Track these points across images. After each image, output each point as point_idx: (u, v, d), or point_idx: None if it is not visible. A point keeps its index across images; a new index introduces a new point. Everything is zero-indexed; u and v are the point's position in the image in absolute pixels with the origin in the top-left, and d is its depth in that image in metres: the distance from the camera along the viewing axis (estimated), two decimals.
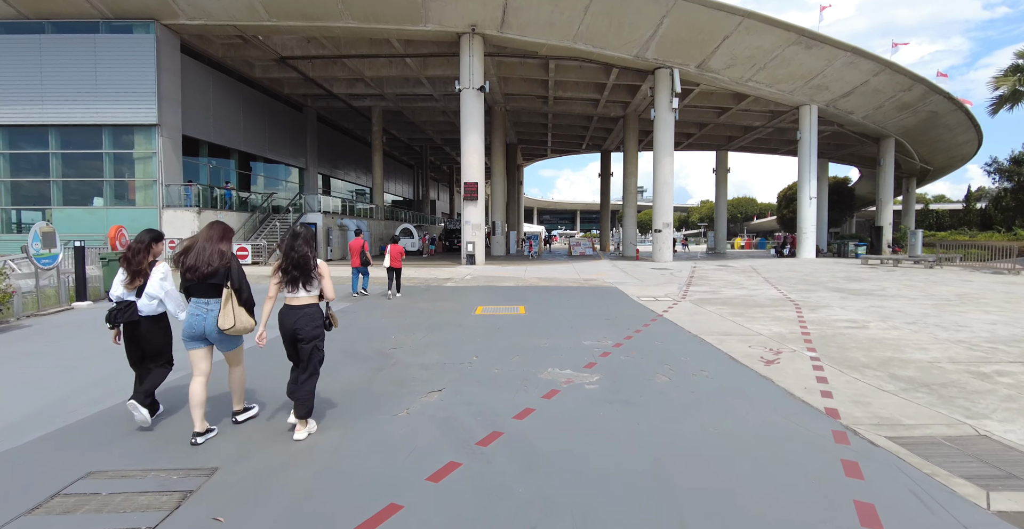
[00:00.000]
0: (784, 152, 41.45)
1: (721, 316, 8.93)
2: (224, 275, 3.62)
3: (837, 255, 31.35)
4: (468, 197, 20.70)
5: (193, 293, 3.66)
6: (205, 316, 3.62)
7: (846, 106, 27.38)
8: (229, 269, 3.63)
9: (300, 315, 3.65)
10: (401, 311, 9.52)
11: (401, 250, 11.80)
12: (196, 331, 3.63)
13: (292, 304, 3.69)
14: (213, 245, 3.65)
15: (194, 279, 3.59)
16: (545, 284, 14.48)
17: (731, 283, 14.82)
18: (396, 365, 5.61)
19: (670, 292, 12.59)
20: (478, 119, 20.62)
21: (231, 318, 3.57)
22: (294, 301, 3.68)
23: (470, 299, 11.31)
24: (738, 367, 5.56)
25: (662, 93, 22.89)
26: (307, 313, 3.67)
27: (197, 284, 3.61)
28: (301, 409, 3.65)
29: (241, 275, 3.68)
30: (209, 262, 3.57)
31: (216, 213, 20.96)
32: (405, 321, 8.44)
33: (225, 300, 3.59)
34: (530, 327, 7.89)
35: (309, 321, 3.65)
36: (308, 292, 3.68)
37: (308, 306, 3.69)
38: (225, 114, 24.75)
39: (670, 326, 7.99)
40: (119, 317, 3.73)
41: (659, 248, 23.40)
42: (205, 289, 3.63)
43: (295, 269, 3.62)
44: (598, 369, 5.43)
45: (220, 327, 3.56)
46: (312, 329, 3.66)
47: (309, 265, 3.64)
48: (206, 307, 3.64)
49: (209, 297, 3.65)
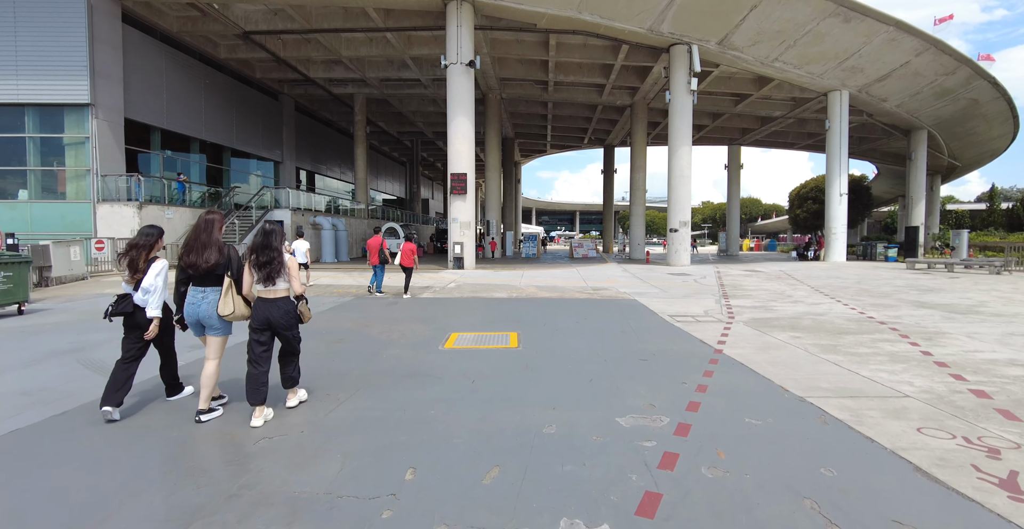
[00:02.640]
0: (802, 146, 38.62)
1: (808, 352, 6.03)
2: (224, 266, 3.85)
3: (862, 258, 28.51)
4: (456, 190, 17.79)
5: (193, 282, 3.90)
6: (199, 303, 3.85)
7: (880, 92, 24.54)
8: (229, 260, 3.87)
9: (273, 308, 3.82)
10: (338, 341, 6.60)
11: (413, 248, 11.42)
12: (192, 318, 3.88)
13: (265, 297, 3.84)
14: (210, 241, 3.85)
15: (196, 273, 3.83)
16: (546, 295, 11.57)
17: (777, 294, 11.93)
18: (237, 498, 2.69)
19: (708, 308, 9.69)
20: (467, 99, 17.73)
21: (230, 305, 3.78)
22: (267, 294, 3.83)
23: (445, 319, 8.40)
24: (964, 504, 2.65)
25: (679, 73, 20.02)
26: (280, 306, 3.84)
27: (199, 276, 3.84)
28: (289, 380, 4.03)
29: (240, 265, 3.88)
30: (207, 260, 3.80)
31: (163, 209, 18.03)
32: (331, 363, 5.52)
33: (226, 289, 3.79)
34: (525, 378, 4.98)
35: (283, 314, 3.84)
36: (279, 286, 3.83)
37: (280, 299, 3.86)
38: (183, 98, 21.82)
39: (745, 375, 5.08)
40: (115, 309, 3.84)
41: (675, 250, 20.50)
42: (205, 278, 3.86)
43: (266, 265, 3.75)
44: (667, 513, 2.52)
45: (220, 313, 3.78)
46: (287, 320, 3.86)
47: (278, 261, 3.78)
48: (202, 295, 3.86)
49: (207, 286, 3.87)
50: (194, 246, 3.82)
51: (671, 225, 20.50)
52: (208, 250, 3.78)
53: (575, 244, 30.65)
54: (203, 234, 3.84)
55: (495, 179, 28.93)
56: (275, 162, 29.99)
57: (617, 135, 37.94)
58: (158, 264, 3.87)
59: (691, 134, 20.53)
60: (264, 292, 3.83)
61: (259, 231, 3.86)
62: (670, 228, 20.59)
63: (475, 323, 8.04)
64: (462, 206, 17.87)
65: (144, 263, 3.86)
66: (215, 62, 24.02)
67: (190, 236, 3.87)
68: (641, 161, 29.04)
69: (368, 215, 31.08)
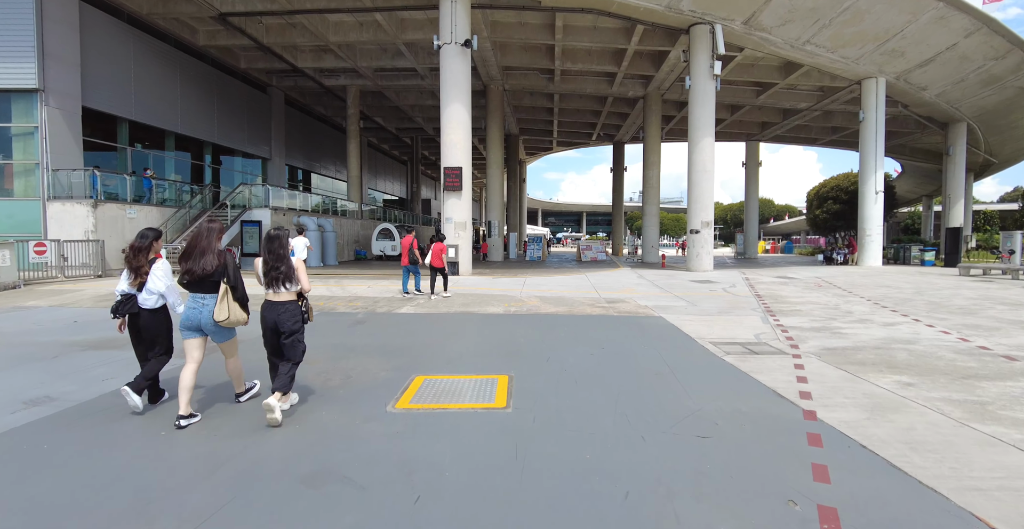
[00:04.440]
0: (826, 142, 36.33)
1: (949, 418, 3.93)
2: (221, 273, 3.86)
3: (893, 261, 26.18)
4: (449, 186, 15.77)
5: (191, 289, 3.90)
6: (200, 310, 3.86)
7: (920, 79, 22.29)
8: (226, 267, 3.87)
9: (280, 311, 3.90)
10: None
11: (443, 248, 11.11)
12: (192, 323, 3.88)
13: (272, 300, 3.94)
14: (209, 248, 3.87)
15: (192, 280, 3.85)
16: (551, 310, 9.51)
17: (832, 310, 9.79)
18: None
19: (758, 330, 7.60)
20: (463, 84, 15.71)
21: (226, 311, 3.81)
22: (274, 297, 3.94)
23: (416, 349, 6.35)
24: None
25: (700, 56, 17.91)
26: (286, 309, 3.92)
27: (195, 282, 3.87)
28: (282, 384, 3.83)
29: (236, 272, 3.93)
30: (204, 267, 3.82)
31: (124, 208, 16.14)
32: (207, 441, 3.49)
33: (221, 296, 3.83)
34: (510, 486, 2.90)
35: (289, 316, 3.90)
36: (287, 289, 3.93)
37: (287, 303, 3.94)
38: (155, 87, 19.98)
39: (884, 476, 2.99)
40: (120, 309, 4.01)
41: (696, 254, 18.34)
42: (203, 285, 3.88)
43: (273, 270, 3.88)
44: None
45: (216, 319, 3.80)
46: (292, 324, 3.91)
47: (286, 267, 3.89)
48: (202, 301, 3.88)
49: (206, 292, 3.89)
50: (192, 253, 3.86)
51: (692, 226, 18.36)
52: (206, 257, 3.84)
53: (583, 246, 28.58)
54: (203, 241, 3.88)
55: (497, 176, 26.91)
56: (263, 159, 28.12)
57: (627, 131, 35.81)
58: (160, 265, 4.00)
59: (714, 124, 18.40)
60: (270, 296, 3.96)
61: (265, 237, 3.99)
62: (690, 229, 18.45)
63: (453, 357, 5.98)
64: (457, 204, 15.85)
65: (146, 265, 3.99)
66: (195, 51, 22.19)
67: (190, 242, 3.92)
68: (655, 157, 26.91)
69: (363, 215, 29.13)
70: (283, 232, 4.00)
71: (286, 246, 3.94)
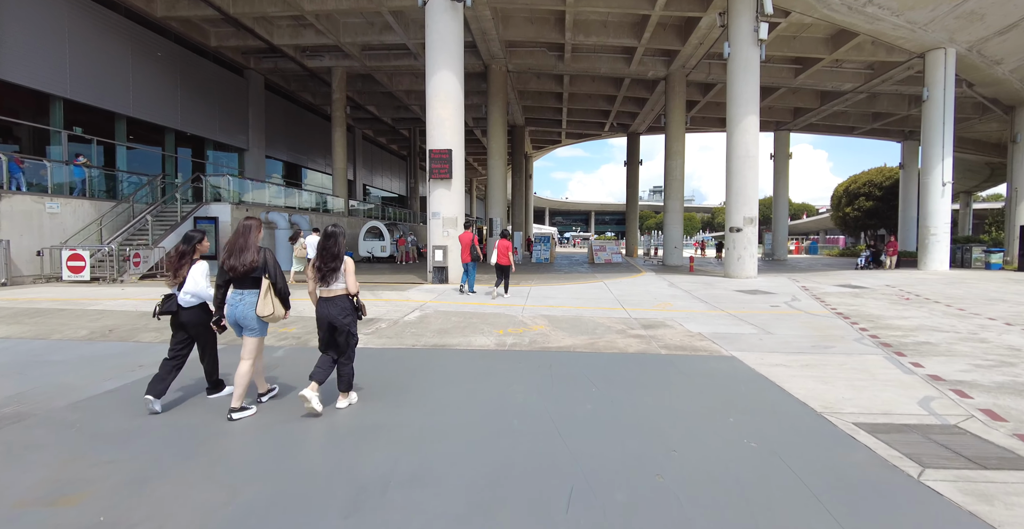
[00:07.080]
0: (864, 132, 32.90)
1: None
2: (262, 269, 3.98)
3: (950, 264, 22.87)
4: (437, 173, 12.74)
5: (233, 284, 4.04)
6: (237, 304, 3.98)
7: (996, 51, 18.98)
8: (266, 263, 3.99)
9: (332, 305, 4.05)
10: None
11: (509, 246, 10.57)
12: (231, 319, 4.04)
13: (325, 296, 4.09)
14: (247, 245, 3.96)
15: (235, 276, 3.96)
16: (566, 343, 6.46)
17: (981, 343, 6.66)
18: None
19: (914, 390, 4.51)
20: (454, 47, 12.72)
21: (270, 306, 3.92)
22: (327, 293, 4.07)
23: (316, 450, 3.34)
24: None
25: (742, 17, 14.78)
26: (338, 304, 4.06)
27: (238, 279, 3.99)
28: (343, 384, 4.15)
29: (276, 268, 4.04)
30: (244, 263, 3.92)
31: (42, 200, 13.28)
32: None
33: (264, 291, 3.92)
34: None
35: (340, 310, 4.04)
36: (337, 286, 4.05)
37: (339, 297, 4.07)
38: (98, 62, 17.13)
39: None
40: (161, 308, 4.12)
41: (738, 256, 15.16)
42: (243, 281, 4.00)
43: (325, 267, 4.00)
44: None
45: (259, 314, 3.91)
46: (344, 317, 4.04)
47: (338, 263, 4.02)
48: (240, 297, 3.99)
49: (246, 288, 4.01)
50: (234, 250, 3.95)
51: (732, 223, 15.20)
52: (246, 253, 3.93)
53: (596, 247, 25.48)
54: (241, 238, 3.97)
55: (500, 169, 23.87)
56: (240, 150, 25.25)
57: (644, 119, 32.59)
58: (199, 267, 4.12)
59: (758, 99, 15.23)
60: (324, 291, 4.08)
61: (323, 234, 4.09)
62: (730, 227, 15.29)
63: (380, 476, 2.95)
64: (446, 195, 12.83)
65: (185, 268, 4.09)
66: (154, 24, 19.36)
67: (230, 240, 4.01)
68: (678, 146, 23.71)
69: (349, 212, 26.19)
70: (340, 230, 4.14)
71: (342, 245, 4.06)
